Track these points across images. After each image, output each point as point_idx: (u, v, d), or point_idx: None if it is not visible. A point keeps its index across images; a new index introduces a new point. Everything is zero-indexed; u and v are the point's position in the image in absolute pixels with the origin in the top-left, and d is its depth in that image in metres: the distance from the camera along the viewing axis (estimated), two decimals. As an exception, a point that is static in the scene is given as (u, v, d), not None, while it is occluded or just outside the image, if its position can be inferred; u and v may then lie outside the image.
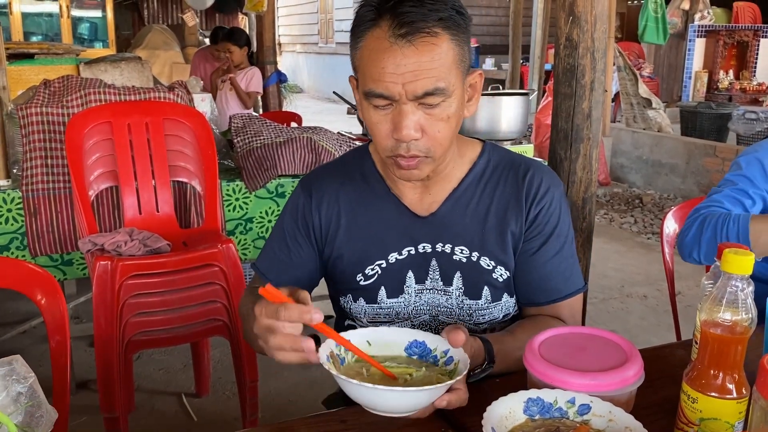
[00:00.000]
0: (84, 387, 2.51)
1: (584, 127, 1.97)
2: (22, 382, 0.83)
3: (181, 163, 2.34)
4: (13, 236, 2.27)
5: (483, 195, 1.17)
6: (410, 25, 0.97)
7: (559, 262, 1.18)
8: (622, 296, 3.67)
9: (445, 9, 0.99)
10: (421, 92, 0.99)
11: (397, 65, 0.98)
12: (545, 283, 1.18)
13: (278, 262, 1.23)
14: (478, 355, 1.01)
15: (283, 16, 16.38)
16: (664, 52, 10.18)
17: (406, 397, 0.83)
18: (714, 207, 1.48)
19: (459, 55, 1.02)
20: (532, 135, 5.97)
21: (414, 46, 0.97)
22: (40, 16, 7.89)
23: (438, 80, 0.99)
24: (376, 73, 1.00)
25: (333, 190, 1.21)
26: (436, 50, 0.98)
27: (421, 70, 0.98)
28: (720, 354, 0.80)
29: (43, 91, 2.47)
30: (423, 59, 0.98)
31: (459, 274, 1.17)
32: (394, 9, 0.98)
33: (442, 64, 0.99)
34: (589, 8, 1.88)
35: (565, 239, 1.19)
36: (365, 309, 1.20)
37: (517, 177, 1.18)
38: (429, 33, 0.97)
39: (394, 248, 1.17)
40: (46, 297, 1.31)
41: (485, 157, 1.20)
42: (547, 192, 1.17)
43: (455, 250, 1.16)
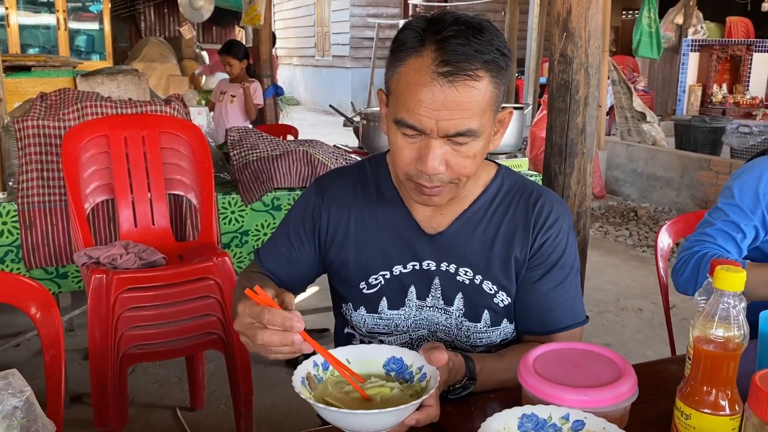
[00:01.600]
0: (78, 401, 2.50)
1: (578, 142, 1.98)
2: (18, 396, 0.83)
3: (177, 176, 2.34)
4: (8, 249, 2.27)
5: (492, 219, 1.17)
6: (455, 65, 0.96)
7: (561, 293, 1.17)
8: (617, 309, 3.67)
9: (490, 51, 0.98)
10: (453, 132, 0.99)
11: (434, 101, 0.97)
12: (544, 313, 1.17)
13: (278, 253, 1.25)
14: (459, 372, 1.02)
15: (279, 29, 16.47)
16: (658, 66, 10.25)
17: (372, 418, 0.85)
18: (708, 243, 1.47)
19: (495, 96, 1.02)
20: (527, 148, 5.99)
21: (455, 88, 0.96)
22: (37, 29, 7.91)
23: (472, 121, 0.99)
24: (411, 104, 0.99)
25: (345, 196, 1.22)
26: (475, 93, 0.98)
27: (457, 111, 0.98)
28: (713, 370, 0.80)
29: (39, 104, 2.48)
30: (461, 100, 0.97)
31: (461, 295, 1.17)
32: (440, 43, 0.97)
33: (478, 105, 0.99)
34: (583, 24, 1.90)
35: (569, 271, 1.18)
36: (365, 318, 1.21)
37: (527, 204, 1.17)
38: (471, 77, 0.97)
39: (398, 261, 1.18)
40: (41, 311, 1.31)
41: (498, 181, 1.20)
42: (555, 222, 1.17)
43: (459, 271, 1.17)
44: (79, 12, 8.40)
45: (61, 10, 7.39)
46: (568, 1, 1.89)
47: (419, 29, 1.00)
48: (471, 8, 11.17)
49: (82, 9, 8.44)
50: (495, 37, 1.00)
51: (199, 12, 6.94)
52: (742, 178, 1.52)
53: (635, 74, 9.67)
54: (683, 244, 1.55)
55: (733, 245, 1.47)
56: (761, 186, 1.47)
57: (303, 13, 15.46)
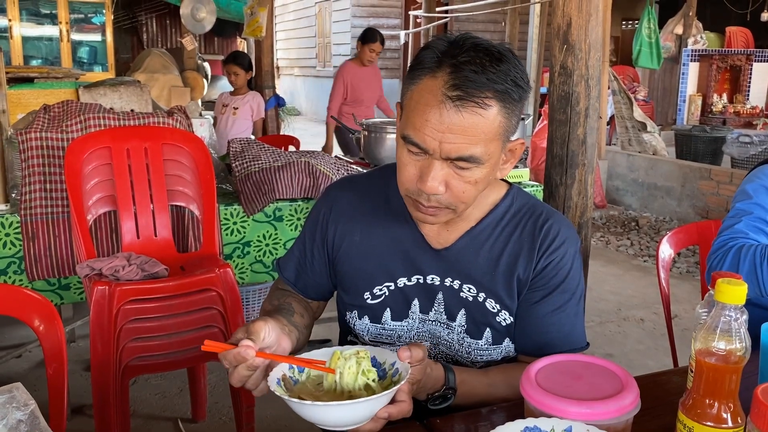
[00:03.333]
0: (79, 412, 2.49)
1: (579, 153, 1.99)
2: (22, 410, 0.84)
3: (179, 187, 2.35)
4: (10, 260, 2.27)
5: (499, 238, 1.17)
6: (464, 90, 0.97)
7: (560, 317, 1.16)
8: (619, 319, 3.67)
9: (503, 81, 0.99)
10: (455, 155, 1.00)
11: (440, 123, 0.98)
12: (540, 335, 1.16)
13: (294, 262, 1.29)
14: (437, 380, 1.04)
15: (281, 40, 16.54)
16: (658, 75, 10.28)
17: (344, 410, 0.87)
18: (741, 238, 1.47)
19: (505, 126, 1.02)
20: (528, 158, 6.01)
21: (461, 113, 0.97)
22: (40, 40, 7.95)
23: (476, 148, 0.99)
24: (418, 122, 1.00)
25: (353, 206, 1.23)
26: (482, 121, 0.98)
27: (462, 135, 0.98)
28: (715, 383, 0.80)
29: (42, 116, 2.49)
30: (466, 126, 0.98)
31: (464, 311, 1.17)
32: (454, 67, 0.98)
33: (484, 133, 0.99)
34: (584, 37, 1.91)
35: (571, 296, 1.16)
36: (369, 327, 1.22)
37: (535, 225, 1.17)
38: (479, 104, 0.97)
39: (403, 273, 1.19)
40: (44, 323, 1.31)
41: (508, 200, 1.19)
42: (561, 245, 1.15)
43: (463, 287, 1.17)
44: (82, 24, 8.44)
45: (63, 22, 7.44)
46: (568, 14, 1.91)
47: (438, 50, 1.01)
48: (472, 19, 11.22)
49: (85, 21, 8.48)
50: (513, 68, 1.00)
51: (201, 23, 6.97)
52: (754, 181, 1.55)
53: (635, 84, 9.70)
54: (712, 246, 1.52)
55: (765, 237, 1.47)
56: None
57: (304, 24, 15.53)
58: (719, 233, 1.54)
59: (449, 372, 1.06)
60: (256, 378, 0.95)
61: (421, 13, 7.63)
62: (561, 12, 1.92)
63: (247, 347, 0.91)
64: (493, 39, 1.08)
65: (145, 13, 12.54)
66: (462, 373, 1.08)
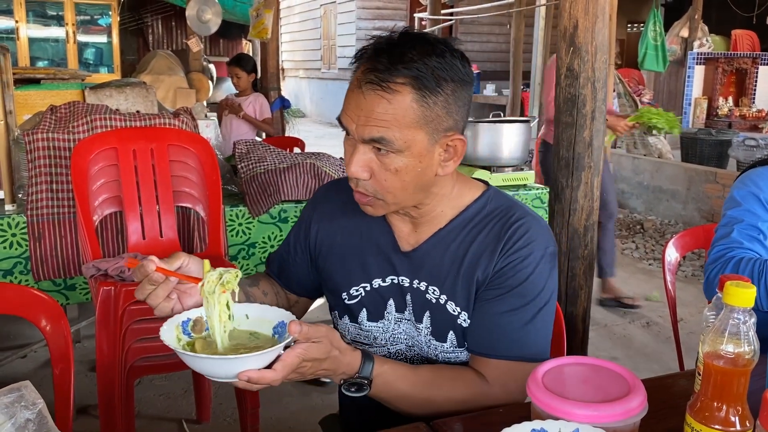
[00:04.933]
0: (84, 412, 2.50)
1: (585, 156, 1.99)
2: (30, 409, 0.84)
3: (185, 188, 2.35)
4: (17, 260, 2.28)
5: (465, 239, 1.15)
6: (374, 74, 1.01)
7: (510, 320, 1.10)
8: (624, 323, 3.66)
9: (416, 68, 1.00)
10: (367, 137, 1.03)
11: (356, 105, 1.03)
12: (485, 333, 1.12)
13: (280, 258, 1.34)
14: (349, 366, 1.03)
15: (286, 42, 16.56)
16: (663, 78, 10.26)
17: (210, 363, 0.92)
18: (736, 249, 1.46)
19: (424, 116, 1.02)
20: (533, 160, 6.00)
21: (370, 95, 1.01)
22: (46, 42, 7.98)
23: (387, 132, 1.01)
24: (345, 105, 1.06)
25: (337, 207, 1.26)
26: (388, 106, 1.00)
27: (370, 118, 1.01)
28: (723, 386, 0.80)
29: (49, 117, 2.50)
30: (374, 109, 1.01)
31: (428, 313, 1.17)
32: (375, 52, 1.03)
33: (395, 118, 1.01)
34: (590, 39, 1.91)
35: (528, 301, 1.10)
36: (348, 327, 1.25)
37: (503, 226, 1.13)
38: (384, 88, 1.00)
39: (378, 275, 1.20)
40: (50, 324, 1.31)
41: (481, 202, 1.17)
42: (525, 246, 1.11)
43: (429, 289, 1.17)
44: (88, 25, 8.47)
45: (70, 24, 7.47)
46: (574, 16, 1.91)
47: (371, 44, 1.06)
48: (477, 21, 11.23)
49: (91, 22, 8.52)
50: (439, 59, 1.02)
51: (206, 25, 7.00)
52: (741, 188, 1.55)
53: (641, 87, 9.68)
54: (709, 257, 1.53)
55: (760, 245, 1.47)
56: (762, 194, 1.50)
57: (309, 26, 15.56)
58: (714, 242, 1.54)
59: (368, 361, 1.05)
60: (156, 295, 1.01)
61: (426, 16, 7.64)
62: (568, 14, 1.92)
63: (150, 261, 0.99)
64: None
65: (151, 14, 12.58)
66: (385, 365, 1.07)
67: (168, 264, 1.02)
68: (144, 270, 0.99)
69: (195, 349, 0.98)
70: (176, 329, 1.01)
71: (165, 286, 1.02)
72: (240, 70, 4.63)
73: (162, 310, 1.03)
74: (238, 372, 0.91)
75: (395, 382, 1.08)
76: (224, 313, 0.99)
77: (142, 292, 1.02)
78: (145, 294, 1.02)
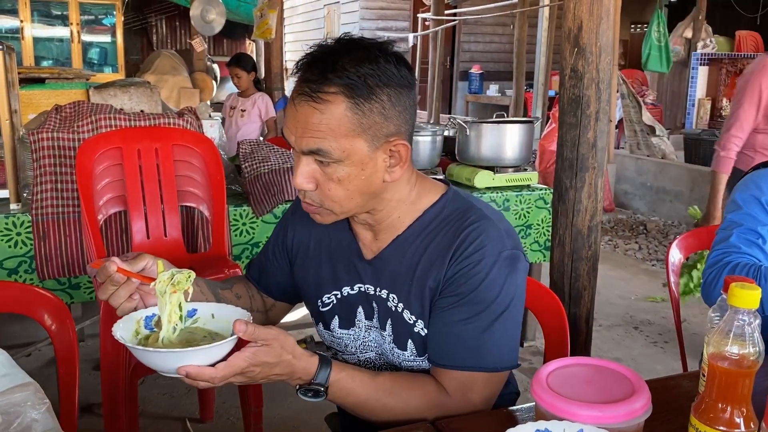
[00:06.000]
0: (88, 411, 2.51)
1: (589, 157, 1.99)
2: (37, 408, 0.84)
3: (189, 188, 2.36)
4: (21, 260, 2.29)
5: (420, 245, 1.12)
6: (306, 85, 1.00)
7: (465, 330, 1.07)
8: (627, 324, 3.66)
9: (347, 77, 0.99)
10: (305, 149, 1.02)
11: (292, 118, 1.03)
12: (441, 344, 1.09)
13: (259, 263, 1.36)
14: (305, 372, 1.02)
15: (289, 42, 16.57)
16: (667, 79, 10.24)
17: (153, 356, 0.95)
18: (733, 254, 1.46)
19: (360, 124, 1.00)
20: (536, 161, 6.00)
21: (303, 107, 1.00)
22: (51, 41, 8.00)
23: (322, 143, 1.00)
24: (285, 118, 1.06)
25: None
26: (321, 116, 0.99)
27: (306, 130, 1.01)
28: (728, 387, 0.80)
29: (54, 117, 2.50)
30: (308, 120, 1.00)
31: (390, 321, 1.16)
32: (306, 65, 1.03)
33: (329, 128, 1.00)
34: (594, 40, 1.91)
35: (484, 308, 1.06)
36: (323, 333, 1.27)
37: (456, 229, 1.10)
38: (315, 99, 0.99)
39: (347, 282, 1.20)
40: (55, 322, 1.32)
41: (439, 206, 1.14)
42: (476, 252, 1.07)
43: (389, 297, 1.16)
44: (93, 25, 8.49)
45: (74, 23, 7.48)
46: (579, 17, 1.91)
47: (307, 55, 1.05)
48: (480, 22, 11.22)
49: (95, 22, 8.54)
50: (370, 65, 1.00)
51: (210, 25, 7.00)
52: (743, 191, 1.55)
53: (644, 88, 9.66)
54: (707, 260, 1.53)
55: (758, 250, 1.47)
56: (764, 197, 1.50)
57: (313, 27, 15.56)
58: (713, 246, 1.54)
59: (324, 367, 1.04)
60: (118, 295, 1.03)
61: (430, 16, 7.64)
62: (572, 15, 1.92)
63: (111, 262, 1.01)
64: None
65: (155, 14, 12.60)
66: (342, 372, 1.05)
67: (131, 265, 1.04)
68: (106, 271, 1.01)
69: (146, 344, 1.00)
70: (137, 323, 1.04)
71: (127, 287, 1.03)
72: (240, 69, 4.64)
73: (123, 310, 1.04)
74: (178, 366, 0.93)
75: (353, 389, 1.06)
76: (175, 313, 1.02)
77: (104, 292, 1.03)
78: (107, 294, 1.03)
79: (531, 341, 3.26)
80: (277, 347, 0.98)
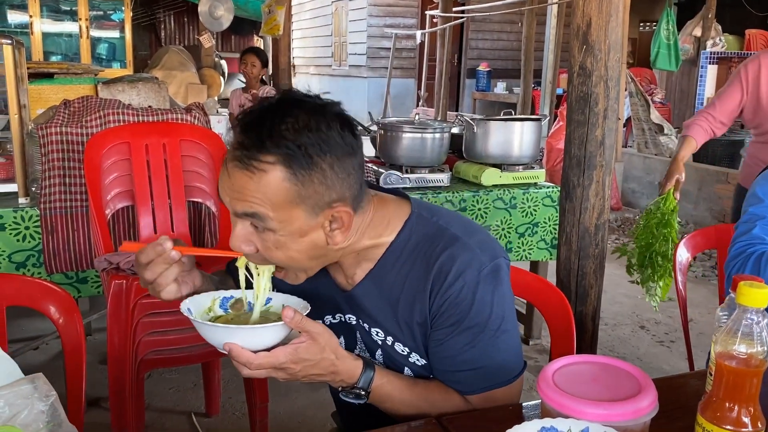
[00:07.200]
0: (95, 405, 2.52)
1: (597, 154, 1.98)
2: (44, 400, 0.85)
3: (196, 183, 2.36)
4: (29, 253, 2.30)
5: (397, 277, 1.09)
6: (240, 151, 0.94)
7: (471, 355, 1.06)
8: (634, 323, 3.65)
9: (285, 146, 0.93)
10: (239, 211, 0.97)
11: (226, 180, 0.97)
12: (454, 374, 1.09)
13: None
14: (348, 374, 1.03)
15: (297, 39, 16.58)
16: (676, 78, 10.19)
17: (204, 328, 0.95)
18: (758, 244, 1.45)
19: (298, 194, 0.95)
20: (543, 159, 5.98)
21: (232, 173, 0.95)
22: (60, 36, 8.03)
23: (258, 208, 0.95)
24: (220, 178, 1.00)
25: None
26: (257, 186, 0.94)
27: (241, 194, 0.95)
28: (735, 387, 0.80)
29: (63, 111, 2.51)
30: (244, 186, 0.95)
31: (380, 351, 1.16)
32: (241, 128, 0.97)
33: (264, 196, 0.94)
34: (603, 37, 1.90)
35: (482, 329, 1.05)
36: None
37: (429, 259, 1.06)
38: (248, 167, 0.93)
39: (328, 311, 1.18)
40: (63, 316, 1.33)
41: (405, 234, 1.09)
42: (456, 280, 1.04)
43: (372, 330, 1.14)
44: (101, 20, 8.52)
45: (83, 19, 7.50)
46: (588, 14, 1.90)
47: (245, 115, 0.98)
48: (488, 19, 11.19)
49: (104, 17, 8.56)
50: (311, 134, 0.94)
51: (218, 21, 7.02)
52: (764, 185, 1.54)
53: (652, 86, 9.62)
54: (730, 253, 1.52)
55: None
56: None
57: (320, 23, 15.56)
58: (734, 239, 1.53)
59: (368, 371, 1.04)
60: (168, 275, 1.00)
61: (438, 13, 7.62)
62: (581, 12, 1.91)
63: (166, 239, 0.99)
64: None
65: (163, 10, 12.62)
66: (384, 378, 1.06)
67: None
68: (160, 248, 0.98)
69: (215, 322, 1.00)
70: (212, 302, 1.05)
71: (177, 267, 1.01)
72: (257, 59, 4.65)
73: (170, 291, 1.02)
74: (224, 342, 0.93)
75: (392, 395, 1.07)
76: (262, 293, 1.03)
77: (152, 272, 0.99)
78: (155, 275, 1.00)
79: (536, 339, 3.25)
80: (321, 344, 0.98)
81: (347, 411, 1.32)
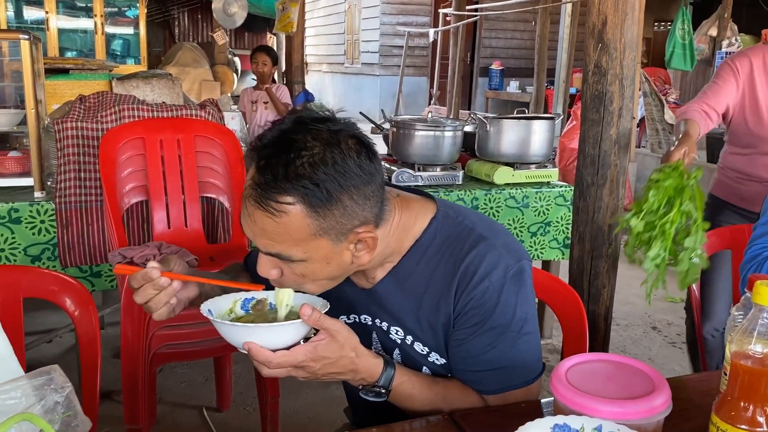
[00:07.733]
0: (108, 398, 2.54)
1: (611, 153, 1.97)
2: (59, 392, 0.86)
3: (210, 179, 2.38)
4: (44, 247, 2.32)
5: (421, 276, 1.08)
6: (259, 191, 0.93)
7: (494, 356, 1.06)
8: (646, 323, 3.63)
9: (302, 186, 0.91)
10: (264, 251, 0.98)
11: (247, 217, 0.97)
12: (476, 374, 1.09)
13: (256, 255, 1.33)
14: (368, 372, 1.03)
15: (310, 36, 16.61)
16: (690, 78, 10.11)
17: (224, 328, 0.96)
18: None
19: (320, 227, 0.94)
20: (556, 158, 5.95)
21: (252, 213, 0.95)
22: (75, 33, 8.08)
23: (281, 246, 0.95)
24: (242, 214, 0.99)
25: None
26: (277, 225, 0.93)
27: (263, 234, 0.96)
28: (750, 386, 0.79)
29: (78, 106, 2.53)
30: (265, 227, 0.95)
31: (397, 351, 1.16)
32: (257, 165, 0.94)
33: (287, 234, 0.94)
34: (619, 36, 1.89)
35: (504, 330, 1.06)
36: None
37: (456, 259, 1.06)
38: (266, 208, 0.93)
39: (342, 312, 1.17)
40: (78, 308, 1.34)
41: (430, 233, 1.09)
42: (482, 280, 1.03)
43: (391, 329, 1.14)
44: (116, 17, 8.56)
45: (98, 15, 7.55)
46: (603, 12, 1.89)
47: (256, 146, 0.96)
48: (502, 17, 11.16)
49: (119, 14, 8.61)
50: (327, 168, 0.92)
51: (232, 18, 7.05)
52: None
53: (667, 86, 9.55)
54: (746, 256, 1.51)
55: None
56: None
57: (333, 21, 15.57)
58: (751, 241, 1.52)
59: (389, 369, 1.04)
60: (158, 300, 1.03)
61: (451, 11, 7.60)
62: (596, 10, 1.90)
63: (153, 268, 1.01)
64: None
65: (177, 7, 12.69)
66: (405, 377, 1.06)
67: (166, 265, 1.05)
68: (148, 276, 1.01)
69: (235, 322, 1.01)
70: (233, 303, 1.06)
71: (167, 292, 1.03)
72: (268, 57, 4.67)
73: (161, 314, 1.05)
74: (243, 341, 0.94)
75: (412, 394, 1.08)
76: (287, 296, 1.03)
77: (143, 296, 1.03)
78: (146, 298, 1.03)
79: (548, 339, 3.24)
80: (340, 341, 0.98)
81: (362, 408, 1.32)
